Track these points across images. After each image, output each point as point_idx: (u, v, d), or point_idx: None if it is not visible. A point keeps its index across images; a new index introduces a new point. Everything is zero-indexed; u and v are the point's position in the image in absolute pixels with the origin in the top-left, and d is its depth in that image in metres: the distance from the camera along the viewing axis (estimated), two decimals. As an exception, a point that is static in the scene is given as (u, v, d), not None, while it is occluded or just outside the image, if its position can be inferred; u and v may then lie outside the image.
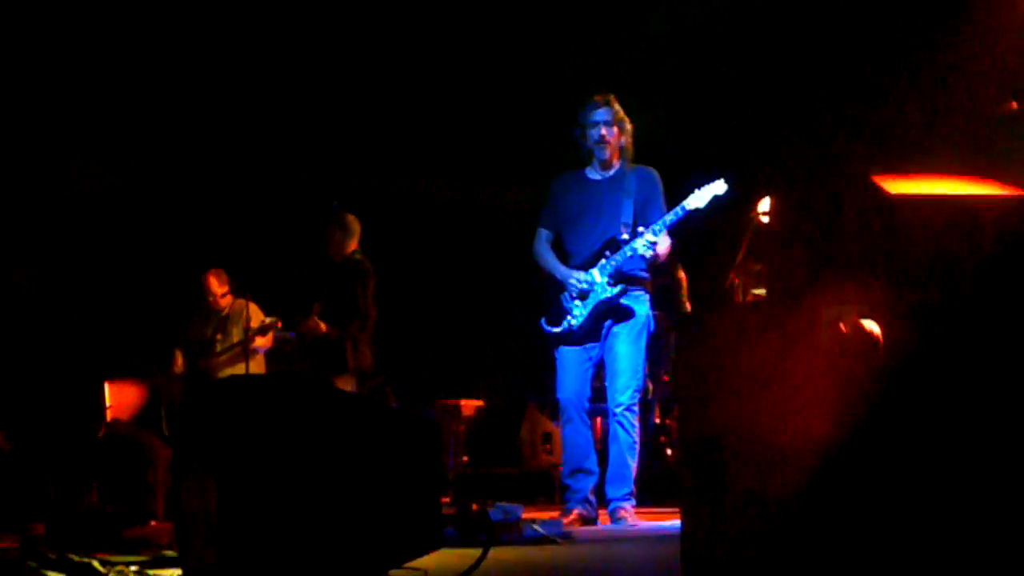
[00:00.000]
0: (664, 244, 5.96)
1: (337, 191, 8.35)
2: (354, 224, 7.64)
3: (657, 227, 5.85)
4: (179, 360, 8.19)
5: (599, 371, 6.25)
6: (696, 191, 5.88)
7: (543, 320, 6.14)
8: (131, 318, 9.19)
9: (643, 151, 6.24)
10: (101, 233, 9.49)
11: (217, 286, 8.24)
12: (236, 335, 8.09)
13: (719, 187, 5.89)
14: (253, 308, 8.16)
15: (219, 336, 8.14)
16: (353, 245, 7.62)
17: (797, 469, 2.66)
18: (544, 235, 6.27)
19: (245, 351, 7.93)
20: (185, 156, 9.95)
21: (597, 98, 6.13)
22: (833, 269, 2.73)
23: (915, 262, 2.56)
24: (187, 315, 8.37)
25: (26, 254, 9.01)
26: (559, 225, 6.23)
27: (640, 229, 5.88)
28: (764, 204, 6.92)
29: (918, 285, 2.56)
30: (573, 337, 6.04)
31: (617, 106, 6.13)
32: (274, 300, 8.30)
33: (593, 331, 6.02)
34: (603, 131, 6.08)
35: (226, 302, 8.22)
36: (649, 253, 5.85)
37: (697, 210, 5.88)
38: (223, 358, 8.10)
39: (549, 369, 6.25)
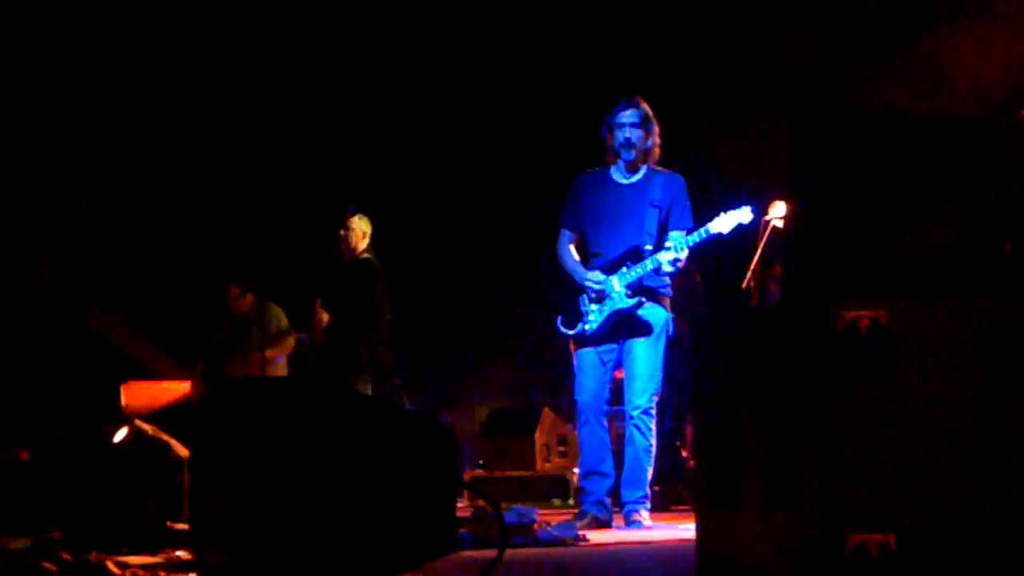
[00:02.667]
0: (684, 255, 5.96)
1: (353, 194, 8.38)
2: (364, 225, 7.68)
3: (680, 245, 5.83)
4: (200, 365, 8.20)
5: (616, 374, 6.25)
6: (722, 215, 5.87)
7: (559, 321, 6.14)
8: (149, 322, 9.22)
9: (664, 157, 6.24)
10: (119, 237, 9.52)
11: (234, 290, 8.24)
12: (255, 338, 8.08)
13: (745, 215, 5.87)
14: (276, 311, 8.17)
15: (237, 341, 8.15)
16: (362, 244, 7.65)
17: (813, 473, 2.65)
18: (567, 236, 6.26)
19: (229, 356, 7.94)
20: (203, 159, 9.97)
21: (625, 99, 6.11)
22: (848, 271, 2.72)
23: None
24: (211, 319, 8.38)
25: (48, 256, 9.04)
26: (582, 226, 6.22)
27: (668, 245, 5.86)
28: (778, 208, 6.90)
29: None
30: (587, 340, 6.04)
31: (645, 108, 6.10)
32: (291, 302, 8.32)
33: (610, 336, 6.02)
34: (629, 133, 6.05)
35: (244, 305, 8.21)
36: (672, 269, 5.86)
37: (720, 234, 5.87)
38: (237, 364, 8.09)
39: (564, 371, 6.25)
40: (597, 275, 6.01)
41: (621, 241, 6.02)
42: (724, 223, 5.87)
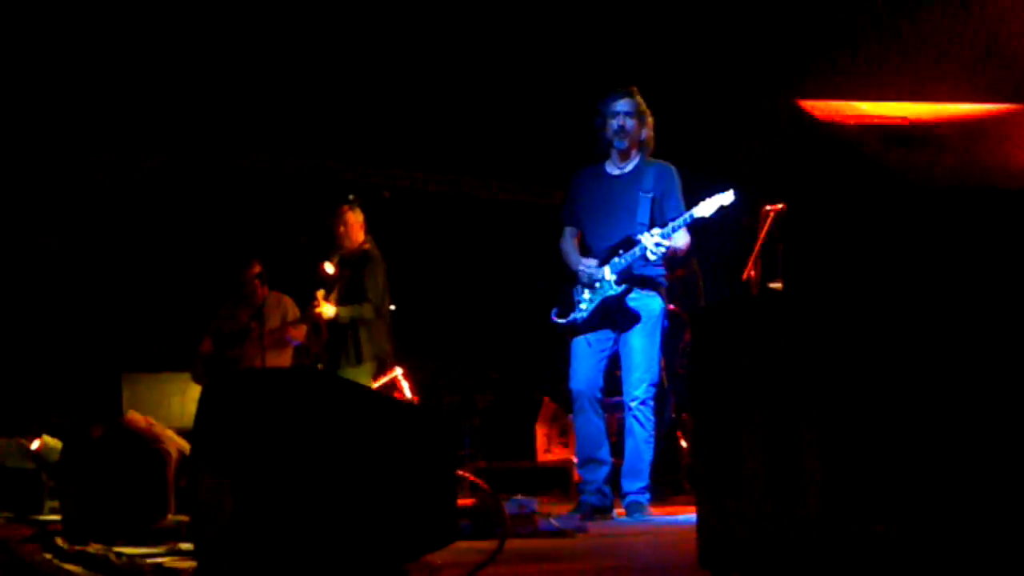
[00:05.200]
0: (683, 239, 5.95)
1: (353, 185, 8.38)
2: (360, 216, 7.69)
3: (666, 231, 5.85)
4: (207, 345, 8.18)
5: (614, 364, 6.25)
6: (705, 200, 5.88)
7: (553, 311, 6.16)
8: (148, 313, 9.24)
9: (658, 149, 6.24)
10: (121, 226, 9.54)
11: (255, 270, 8.22)
12: (273, 324, 8.09)
13: (727, 198, 5.87)
14: (289, 302, 8.19)
15: (254, 325, 8.12)
16: (361, 235, 7.67)
17: (814, 462, 2.65)
18: (569, 232, 6.29)
19: (259, 340, 7.92)
20: (203, 150, 9.98)
21: (620, 89, 6.13)
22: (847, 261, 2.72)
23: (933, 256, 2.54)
24: (216, 304, 8.36)
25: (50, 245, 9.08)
26: (580, 220, 6.24)
27: (655, 230, 5.87)
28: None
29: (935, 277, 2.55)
30: (579, 328, 6.05)
31: (639, 99, 6.12)
32: (292, 293, 8.33)
33: (601, 323, 6.03)
34: (623, 122, 6.06)
35: (261, 293, 8.19)
36: (658, 253, 5.84)
37: (703, 219, 5.87)
38: (256, 348, 8.07)
39: (564, 362, 6.26)
40: (591, 262, 6.04)
41: (614, 231, 6.03)
42: (707, 207, 5.88)
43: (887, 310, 2.54)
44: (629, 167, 6.15)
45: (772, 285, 6.86)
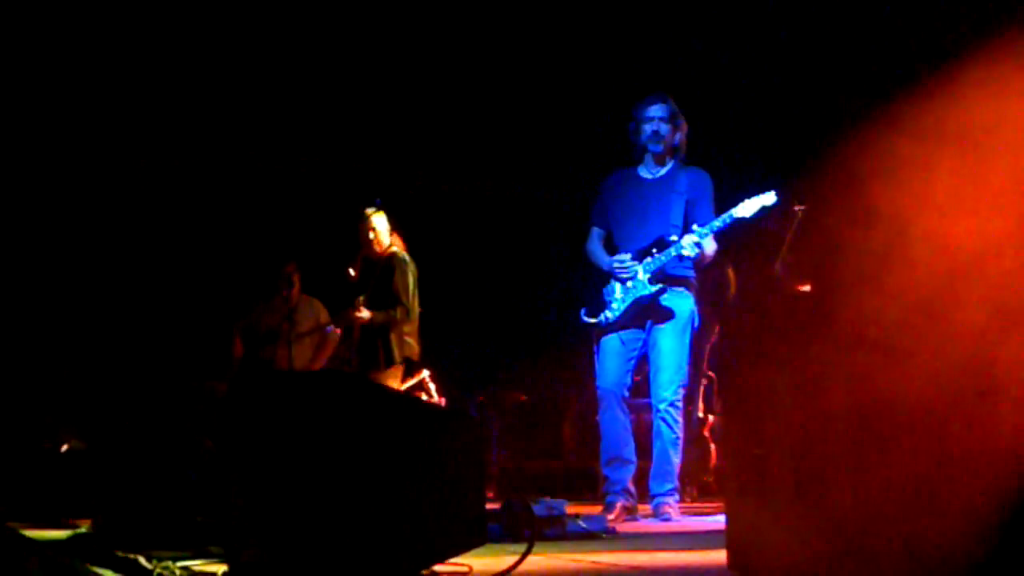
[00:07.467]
0: (710, 246, 5.95)
1: (383, 188, 8.40)
2: (385, 220, 7.70)
3: (704, 231, 5.84)
4: (239, 345, 8.23)
5: (641, 366, 6.25)
6: (745, 201, 5.86)
7: (583, 311, 6.15)
8: (181, 322, 9.29)
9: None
10: (154, 229, 9.59)
11: (297, 278, 8.27)
12: (306, 326, 8.13)
13: (768, 199, 5.86)
14: (320, 306, 8.24)
15: (285, 326, 8.16)
16: (387, 239, 7.68)
17: (842, 464, 2.64)
18: (596, 233, 6.30)
19: (290, 342, 7.96)
20: (240, 152, 10.03)
21: (653, 94, 6.15)
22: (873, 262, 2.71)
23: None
24: (249, 305, 8.40)
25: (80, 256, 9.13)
26: (609, 222, 6.25)
27: (694, 226, 5.87)
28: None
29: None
30: (610, 327, 6.05)
31: (673, 104, 6.14)
32: (322, 297, 8.36)
33: (633, 322, 6.02)
34: (657, 126, 6.08)
35: (294, 295, 8.24)
36: (694, 252, 5.84)
37: (743, 219, 5.85)
38: (281, 351, 8.12)
39: (592, 363, 6.25)
40: (624, 257, 6.02)
41: (647, 233, 6.03)
42: (747, 207, 5.86)
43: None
44: (663, 171, 6.16)
45: (801, 285, 6.83)
